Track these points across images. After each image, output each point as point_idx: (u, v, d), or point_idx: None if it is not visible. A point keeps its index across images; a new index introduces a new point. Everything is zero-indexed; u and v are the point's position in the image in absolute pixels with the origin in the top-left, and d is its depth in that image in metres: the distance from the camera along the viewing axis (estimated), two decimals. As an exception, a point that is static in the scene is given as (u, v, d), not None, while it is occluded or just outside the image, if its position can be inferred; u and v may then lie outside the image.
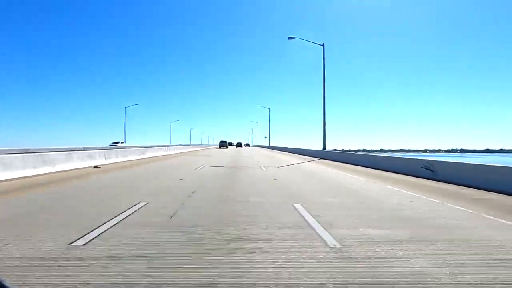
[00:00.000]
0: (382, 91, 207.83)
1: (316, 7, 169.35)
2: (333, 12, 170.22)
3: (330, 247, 4.21)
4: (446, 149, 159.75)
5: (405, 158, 17.09)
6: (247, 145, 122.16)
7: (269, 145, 75.47)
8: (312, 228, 5.12)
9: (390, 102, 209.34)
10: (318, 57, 31.63)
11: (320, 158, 27.41)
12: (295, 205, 6.99)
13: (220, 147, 75.75)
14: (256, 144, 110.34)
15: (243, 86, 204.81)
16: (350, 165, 20.31)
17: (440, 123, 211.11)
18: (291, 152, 42.36)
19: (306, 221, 5.60)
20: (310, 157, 30.27)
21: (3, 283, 1.08)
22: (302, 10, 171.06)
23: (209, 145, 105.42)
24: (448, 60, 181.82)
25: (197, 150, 52.39)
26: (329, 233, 4.82)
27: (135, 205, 6.78)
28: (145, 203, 6.99)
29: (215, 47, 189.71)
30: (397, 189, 9.87)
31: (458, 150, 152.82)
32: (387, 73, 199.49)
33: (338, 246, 4.25)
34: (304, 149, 38.44)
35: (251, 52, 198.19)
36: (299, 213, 6.26)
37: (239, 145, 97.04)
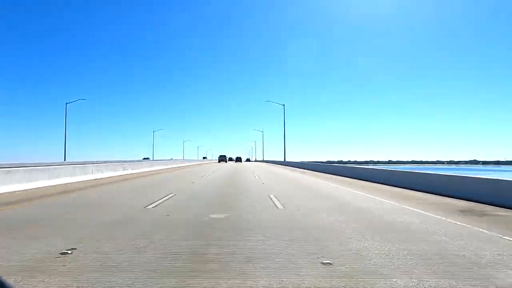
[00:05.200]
0: (386, 100, 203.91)
1: (316, 12, 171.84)
2: (336, 15, 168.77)
3: (254, 178, 29.70)
4: (465, 160, 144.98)
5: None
6: (248, 160, 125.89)
7: (263, 159, 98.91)
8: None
9: (392, 113, 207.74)
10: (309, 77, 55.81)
11: (281, 165, 53.15)
12: (254, 173, 32.27)
13: (219, 162, 77.40)
14: (255, 160, 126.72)
15: (243, 107, 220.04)
16: (295, 167, 45.66)
17: (446, 134, 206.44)
18: (271, 163, 67.41)
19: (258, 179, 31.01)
20: (277, 165, 56.09)
21: (4, 283, 1.07)
22: (301, 16, 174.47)
23: (210, 160, 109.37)
24: (450, 63, 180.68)
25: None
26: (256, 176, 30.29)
27: None
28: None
29: (216, 73, 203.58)
30: (314, 178, 35.36)
31: (480, 162, 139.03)
32: (393, 82, 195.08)
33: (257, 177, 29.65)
34: (277, 160, 64.89)
35: (250, 72, 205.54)
36: (256, 179, 31.71)
37: (238, 159, 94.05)
